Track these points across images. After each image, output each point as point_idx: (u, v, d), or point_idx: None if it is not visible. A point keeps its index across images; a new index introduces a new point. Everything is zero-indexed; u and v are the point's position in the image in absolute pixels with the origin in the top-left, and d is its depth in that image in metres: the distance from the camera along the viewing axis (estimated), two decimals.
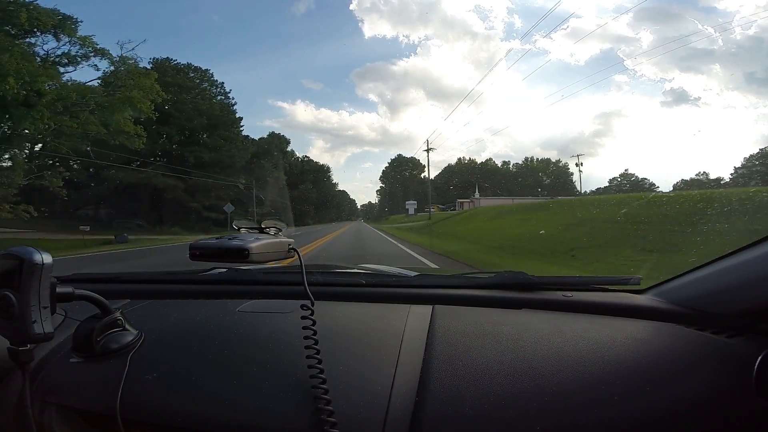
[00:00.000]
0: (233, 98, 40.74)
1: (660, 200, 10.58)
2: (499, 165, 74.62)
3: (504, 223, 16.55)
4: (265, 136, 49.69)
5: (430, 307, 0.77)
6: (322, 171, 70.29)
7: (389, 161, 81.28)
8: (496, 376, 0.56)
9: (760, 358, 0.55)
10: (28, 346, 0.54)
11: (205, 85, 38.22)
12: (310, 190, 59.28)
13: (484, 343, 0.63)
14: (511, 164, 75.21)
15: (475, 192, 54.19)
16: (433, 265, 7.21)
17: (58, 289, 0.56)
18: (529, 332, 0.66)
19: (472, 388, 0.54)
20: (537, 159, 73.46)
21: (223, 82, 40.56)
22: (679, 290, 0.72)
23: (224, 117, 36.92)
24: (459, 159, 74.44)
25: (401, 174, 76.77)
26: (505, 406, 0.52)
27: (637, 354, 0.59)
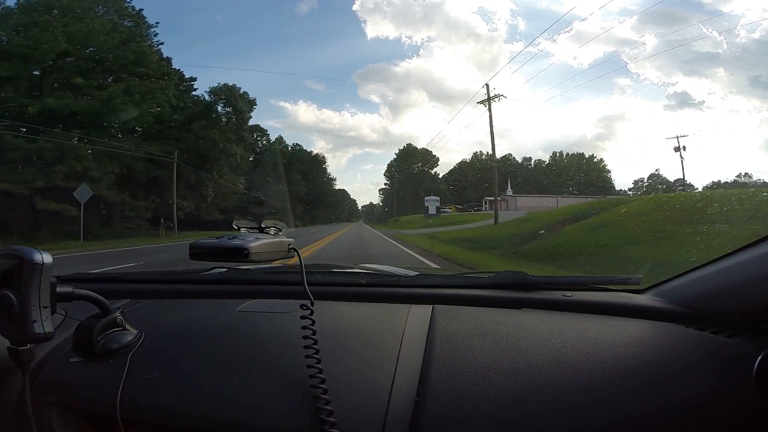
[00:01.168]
0: (155, 31, 23.12)
1: None
2: (520, 161, 64.64)
3: None
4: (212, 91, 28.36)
5: (430, 307, 0.77)
6: (316, 162, 56.73)
7: (397, 151, 69.12)
8: (496, 375, 0.56)
9: (760, 357, 0.55)
10: (29, 345, 0.54)
11: (97, 7, 20.89)
12: (298, 183, 45.50)
13: (484, 343, 0.63)
14: (533, 161, 65.39)
15: (507, 188, 43.30)
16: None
17: (58, 289, 0.56)
18: (529, 332, 0.65)
19: (472, 388, 0.54)
20: (567, 154, 63.30)
21: (141, 9, 22.47)
22: (679, 290, 0.72)
23: (116, 49, 20.00)
24: (474, 154, 63.96)
25: (410, 168, 66.73)
26: (506, 406, 0.52)
27: (637, 354, 0.59)
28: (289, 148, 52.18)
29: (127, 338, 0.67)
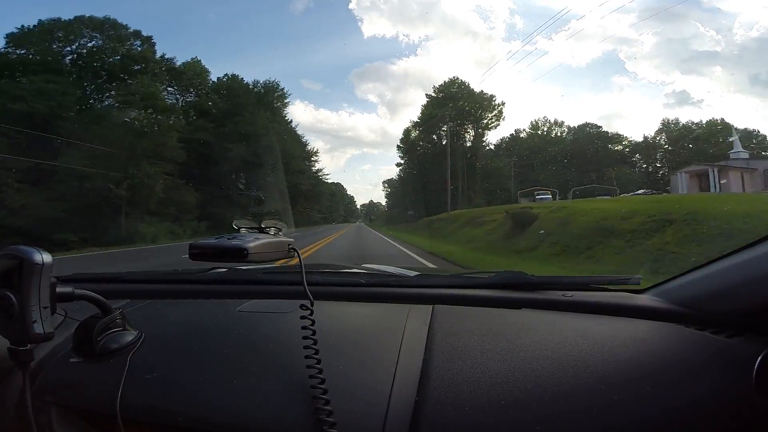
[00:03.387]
0: None
1: None
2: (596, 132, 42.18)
3: None
4: None
5: (430, 307, 0.77)
6: (268, 104, 29.58)
7: (433, 90, 40.74)
8: (496, 376, 0.56)
9: (760, 357, 0.55)
10: (28, 346, 0.54)
11: None
12: (237, 146, 24.53)
13: (484, 343, 0.63)
14: (610, 134, 42.47)
15: (733, 148, 24.14)
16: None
17: (58, 289, 0.56)
18: (529, 332, 0.65)
19: (472, 389, 0.54)
20: (681, 122, 39.74)
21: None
22: (679, 290, 0.72)
23: None
24: (532, 122, 42.35)
25: (457, 120, 37.00)
26: (506, 406, 0.52)
27: (637, 354, 0.59)
28: (213, 81, 27.52)
29: (127, 338, 0.67)
